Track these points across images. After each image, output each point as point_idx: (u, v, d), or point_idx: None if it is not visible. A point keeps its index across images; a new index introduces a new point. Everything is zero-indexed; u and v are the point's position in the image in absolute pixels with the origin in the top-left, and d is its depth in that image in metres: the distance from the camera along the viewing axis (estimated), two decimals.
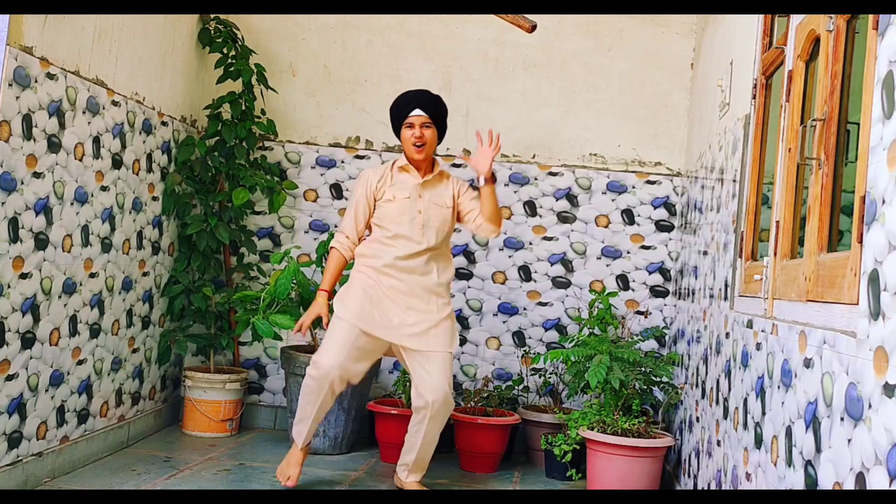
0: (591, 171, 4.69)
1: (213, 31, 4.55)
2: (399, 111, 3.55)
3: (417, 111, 3.50)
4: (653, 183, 4.66)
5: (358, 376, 3.48)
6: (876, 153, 1.57)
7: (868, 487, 1.47)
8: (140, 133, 3.95)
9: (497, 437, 4.09)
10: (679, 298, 4.32)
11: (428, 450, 3.51)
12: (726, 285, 3.03)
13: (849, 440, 1.59)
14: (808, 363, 1.90)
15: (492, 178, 3.48)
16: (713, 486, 2.93)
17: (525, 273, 4.69)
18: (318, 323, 4.19)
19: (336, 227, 4.59)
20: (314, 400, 3.44)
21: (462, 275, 4.69)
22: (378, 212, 3.52)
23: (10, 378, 3.04)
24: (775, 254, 2.41)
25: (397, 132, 3.57)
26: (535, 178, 4.70)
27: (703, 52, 4.32)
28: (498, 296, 4.69)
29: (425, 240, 3.48)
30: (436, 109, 3.55)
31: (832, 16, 2.03)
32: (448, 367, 3.45)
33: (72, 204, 3.38)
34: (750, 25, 3.02)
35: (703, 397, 3.31)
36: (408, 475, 3.55)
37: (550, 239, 4.68)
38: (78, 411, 3.56)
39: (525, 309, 4.68)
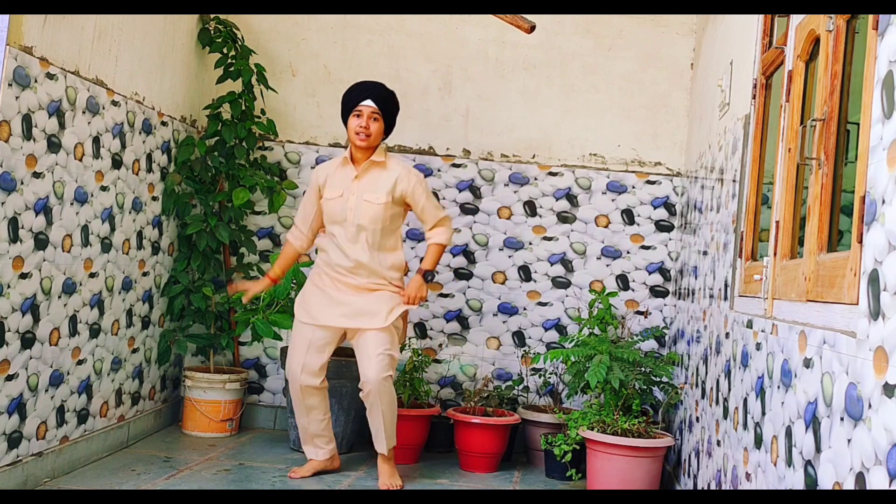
0: (591, 171, 4.69)
1: (213, 31, 4.55)
2: (350, 98, 3.61)
3: (368, 101, 3.56)
4: (653, 183, 4.66)
5: (323, 368, 3.64)
6: (876, 153, 1.57)
7: (868, 487, 1.47)
8: (140, 133, 3.95)
9: (497, 437, 4.09)
10: (679, 298, 4.32)
11: (388, 424, 3.58)
12: (726, 285, 3.03)
13: (849, 440, 1.59)
14: (807, 363, 1.90)
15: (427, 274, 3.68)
16: (713, 486, 2.93)
17: (525, 273, 4.68)
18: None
19: None
20: (299, 408, 3.65)
21: (462, 275, 4.69)
22: (322, 207, 3.67)
23: (10, 378, 3.04)
24: (775, 254, 2.41)
25: (345, 119, 3.64)
26: (535, 178, 4.70)
27: (703, 52, 4.32)
28: (498, 296, 4.69)
29: (360, 238, 3.57)
30: (387, 103, 3.61)
31: (832, 16, 2.03)
32: (380, 341, 3.50)
33: (72, 204, 3.38)
34: (750, 25, 3.02)
35: (702, 397, 3.31)
36: (378, 446, 3.65)
37: (550, 239, 4.68)
38: (78, 411, 3.56)
39: (525, 309, 4.68)
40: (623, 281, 4.65)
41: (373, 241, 3.56)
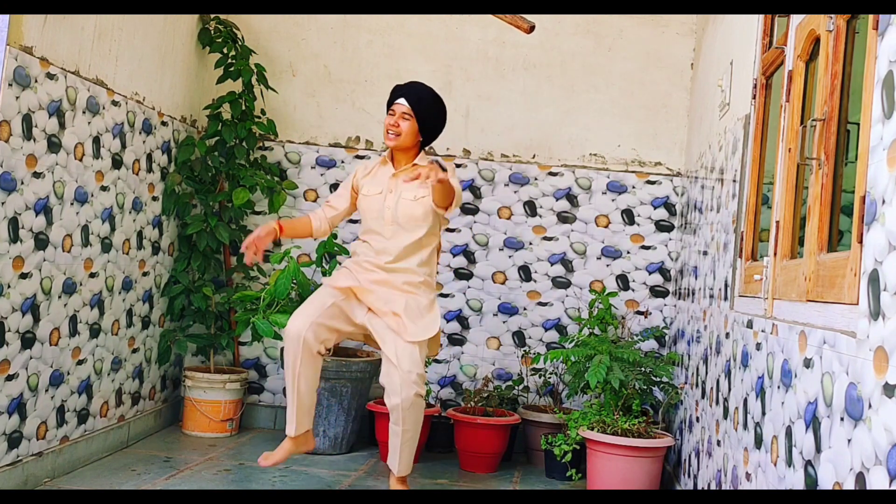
0: (591, 171, 4.69)
1: (213, 31, 4.55)
2: (390, 98, 3.54)
3: (402, 100, 3.46)
4: (653, 183, 4.66)
5: (329, 341, 3.36)
6: (876, 153, 1.57)
7: (868, 487, 1.47)
8: (140, 133, 3.95)
9: (497, 437, 4.09)
10: (679, 298, 4.32)
11: (410, 447, 3.36)
12: (726, 285, 3.03)
13: (849, 440, 1.59)
14: (808, 363, 1.90)
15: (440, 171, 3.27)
16: (713, 486, 2.93)
17: (525, 273, 4.69)
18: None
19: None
20: (293, 372, 3.30)
21: (462, 275, 4.69)
22: (359, 205, 3.55)
23: (10, 378, 3.04)
24: (775, 254, 2.41)
25: None
26: (535, 178, 4.70)
27: (703, 52, 4.32)
28: (498, 296, 4.69)
29: (395, 237, 3.40)
30: (421, 104, 3.46)
31: (832, 16, 2.03)
32: (414, 356, 3.28)
33: (72, 204, 3.38)
34: (750, 25, 3.02)
35: (703, 397, 3.31)
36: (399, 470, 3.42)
37: (550, 239, 4.68)
38: (78, 411, 3.56)
39: (525, 309, 4.68)
40: (623, 281, 4.65)
41: (409, 240, 3.40)
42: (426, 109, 3.47)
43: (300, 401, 3.34)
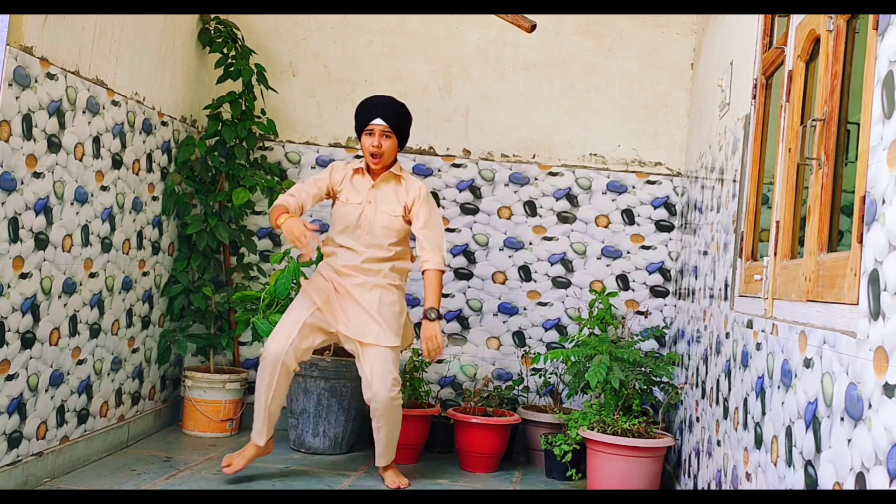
0: (591, 171, 4.69)
1: (213, 31, 4.55)
2: (362, 117, 3.61)
3: (378, 120, 3.55)
4: (653, 183, 4.66)
5: (306, 355, 3.56)
6: (876, 153, 1.57)
7: (868, 487, 1.47)
8: (140, 133, 3.95)
9: (497, 437, 4.09)
10: (679, 298, 4.32)
11: (389, 442, 3.59)
12: (726, 285, 3.03)
13: (849, 440, 1.59)
14: (808, 363, 1.90)
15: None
16: (713, 486, 2.93)
17: (525, 273, 4.68)
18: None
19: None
20: (267, 386, 3.49)
21: (462, 275, 4.69)
22: (334, 210, 3.64)
23: (10, 378, 3.04)
24: (775, 254, 2.41)
25: (359, 136, 3.64)
26: (535, 178, 4.70)
27: (703, 52, 4.32)
28: (498, 296, 4.69)
29: (370, 247, 3.56)
30: (398, 119, 3.60)
31: (832, 16, 2.03)
32: (388, 361, 3.48)
33: (72, 204, 3.38)
34: (750, 25, 3.02)
35: (703, 397, 3.31)
36: (378, 461, 3.66)
37: (550, 239, 4.68)
38: (78, 411, 3.56)
39: (525, 309, 4.68)
40: (623, 281, 4.65)
41: (382, 252, 3.58)
42: (401, 123, 3.64)
43: (270, 413, 3.57)
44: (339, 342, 3.67)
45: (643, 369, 3.88)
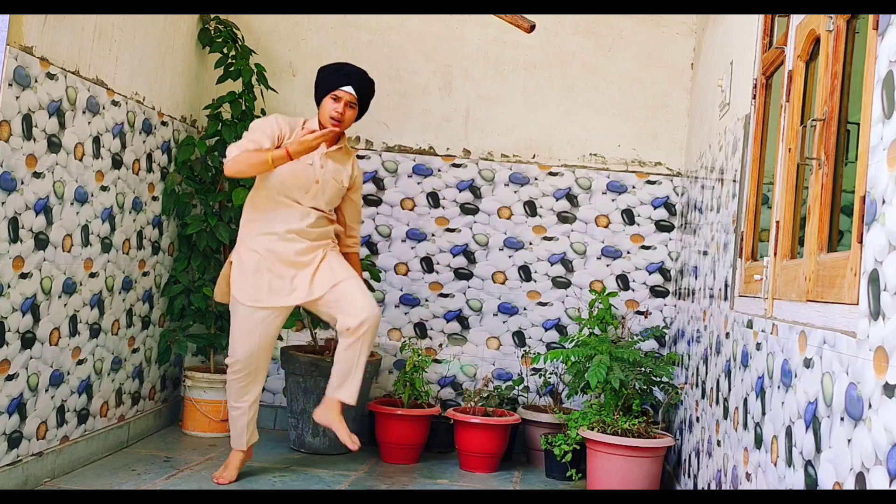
0: (591, 171, 4.69)
1: (213, 31, 4.55)
2: (331, 80, 3.49)
3: (349, 88, 3.47)
4: (653, 183, 4.66)
5: (274, 350, 3.63)
6: (876, 153, 1.57)
7: (868, 487, 1.47)
8: (140, 133, 3.95)
9: (497, 437, 4.09)
10: (679, 298, 4.32)
11: (360, 374, 3.47)
12: (726, 285, 3.03)
13: (849, 440, 1.59)
14: (808, 363, 1.90)
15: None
16: (713, 486, 2.93)
17: (525, 273, 4.68)
18: (316, 323, 4.22)
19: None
20: (240, 391, 3.51)
21: (462, 275, 4.69)
22: (282, 168, 3.36)
23: (10, 378, 3.04)
24: (775, 254, 2.41)
25: (319, 97, 3.50)
26: (535, 178, 4.70)
27: (703, 52, 4.32)
28: (498, 296, 4.69)
29: (315, 208, 3.49)
30: (365, 93, 3.54)
31: (832, 16, 2.03)
32: (363, 286, 3.48)
33: (72, 204, 3.38)
34: (750, 25, 3.02)
35: (703, 397, 3.31)
36: (340, 392, 3.50)
37: (550, 239, 4.68)
38: (78, 411, 3.56)
39: (525, 309, 4.68)
40: (623, 281, 4.65)
41: (321, 214, 3.50)
42: (367, 98, 3.58)
43: (250, 418, 3.56)
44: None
45: (643, 369, 3.89)
